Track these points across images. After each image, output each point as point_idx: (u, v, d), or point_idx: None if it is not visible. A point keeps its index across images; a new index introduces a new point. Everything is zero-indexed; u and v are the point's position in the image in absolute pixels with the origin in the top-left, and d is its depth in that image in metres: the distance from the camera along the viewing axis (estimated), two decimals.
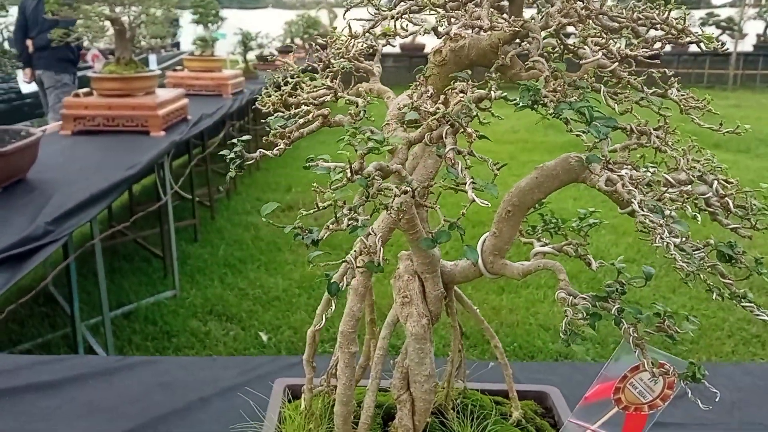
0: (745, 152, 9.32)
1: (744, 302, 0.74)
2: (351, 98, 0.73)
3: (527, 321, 4.18)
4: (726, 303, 2.92)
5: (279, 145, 0.70)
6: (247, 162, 0.73)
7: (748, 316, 4.37)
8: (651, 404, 0.89)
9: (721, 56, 17.44)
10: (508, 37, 0.66)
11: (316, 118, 0.72)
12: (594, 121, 0.58)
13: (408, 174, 0.63)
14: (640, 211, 0.60)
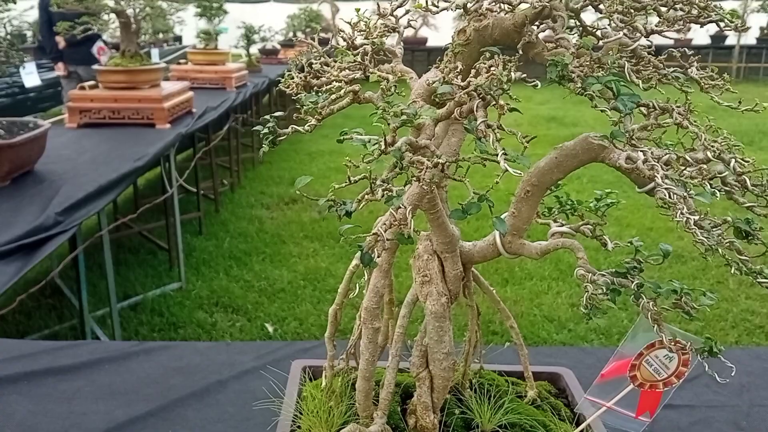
0: (748, 145, 9.32)
1: (760, 278, 0.76)
2: (382, 75, 0.74)
3: (531, 312, 4.20)
4: (730, 294, 2.95)
5: (310, 122, 0.72)
6: (279, 138, 0.74)
7: (751, 307, 4.41)
8: (666, 381, 0.91)
9: (724, 49, 17.41)
10: (533, 16, 0.67)
11: (347, 94, 0.73)
12: (621, 97, 0.60)
13: (436, 149, 0.65)
14: (663, 185, 0.61)
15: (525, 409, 1.01)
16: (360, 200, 0.63)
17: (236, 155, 6.78)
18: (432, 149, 0.63)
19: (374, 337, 0.89)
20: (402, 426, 0.97)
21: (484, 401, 0.99)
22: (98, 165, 3.29)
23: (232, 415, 1.25)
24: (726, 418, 1.30)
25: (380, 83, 0.71)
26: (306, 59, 0.80)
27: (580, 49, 0.65)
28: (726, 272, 4.92)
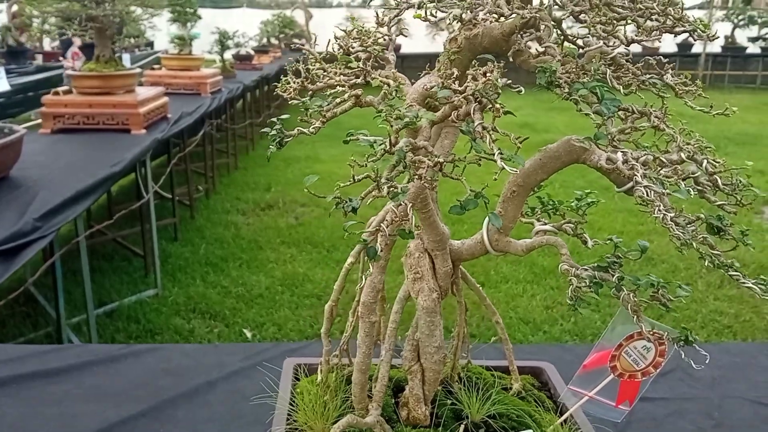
0: (715, 150, 9.57)
1: (731, 271, 0.81)
2: (384, 80, 0.78)
3: (507, 315, 4.27)
4: (699, 296, 3.05)
5: (315, 124, 0.75)
6: (286, 139, 0.78)
7: (719, 308, 4.53)
8: (644, 371, 0.96)
9: (690, 57, 17.84)
10: (521, 26, 0.72)
11: (350, 97, 0.77)
12: (605, 102, 0.64)
13: (433, 150, 0.69)
14: (643, 183, 0.66)
15: (511, 400, 1.06)
16: (364, 197, 0.67)
17: (211, 161, 6.76)
18: (430, 149, 0.67)
19: (371, 331, 0.93)
20: (395, 418, 1.01)
21: (472, 393, 1.03)
22: (75, 170, 3.27)
23: (222, 414, 1.28)
24: (699, 410, 1.36)
25: (381, 88, 0.75)
26: (303, 64, 0.84)
27: (566, 57, 0.70)
28: (695, 274, 5.05)
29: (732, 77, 17.83)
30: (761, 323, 4.28)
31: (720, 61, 17.80)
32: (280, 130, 0.77)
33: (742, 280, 0.81)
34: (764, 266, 5.17)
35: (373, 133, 0.70)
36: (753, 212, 6.65)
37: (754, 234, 5.99)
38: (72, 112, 4.23)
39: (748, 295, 4.66)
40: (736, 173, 0.83)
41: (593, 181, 6.14)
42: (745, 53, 17.72)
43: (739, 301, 4.57)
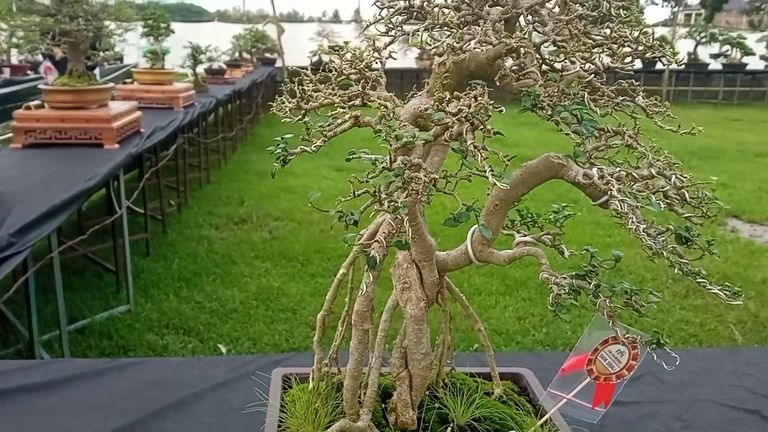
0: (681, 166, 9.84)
1: (698, 278, 0.87)
2: (382, 102, 0.83)
3: None
4: (666, 305, 3.16)
5: (316, 142, 0.80)
6: (290, 157, 0.82)
7: (686, 317, 4.65)
8: (618, 374, 1.01)
9: (654, 73, 18.30)
10: (499, 53, 0.77)
11: (350, 118, 0.81)
12: (584, 123, 0.70)
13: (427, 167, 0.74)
14: (618, 197, 0.72)
15: (493, 404, 1.10)
16: (363, 211, 0.71)
17: (183, 175, 6.73)
18: (424, 166, 0.71)
19: (363, 339, 0.97)
20: (384, 423, 1.05)
21: (457, 398, 1.08)
22: (48, 185, 3.25)
23: (210, 425, 1.30)
24: (669, 412, 1.42)
25: (374, 108, 0.80)
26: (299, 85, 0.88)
27: (548, 82, 0.75)
28: (661, 284, 5.18)
29: (695, 93, 18.34)
30: (725, 331, 4.42)
31: (683, 77, 18.30)
32: (284, 149, 0.81)
33: (709, 286, 0.87)
34: (728, 276, 5.33)
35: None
36: (716, 224, 6.85)
37: (718, 245, 6.15)
38: (44, 127, 4.20)
39: (712, 305, 4.80)
40: (702, 187, 0.89)
41: (563, 194, 6.28)
42: (707, 69, 18.24)
43: (704, 310, 4.70)
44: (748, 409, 1.43)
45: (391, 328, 1.04)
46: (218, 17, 27.53)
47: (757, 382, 1.54)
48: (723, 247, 6.10)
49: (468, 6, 0.77)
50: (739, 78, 18.20)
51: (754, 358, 1.69)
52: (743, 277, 5.34)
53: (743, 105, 18.05)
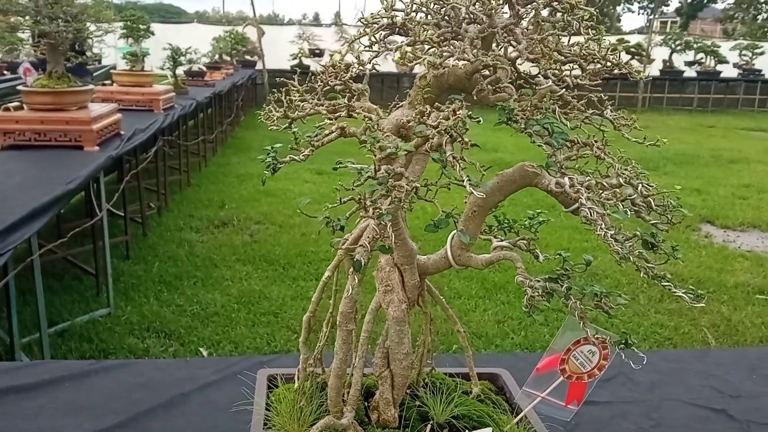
0: (653, 170, 10.00)
1: (664, 282, 0.92)
2: (367, 114, 0.87)
3: None
4: (641, 309, 3.24)
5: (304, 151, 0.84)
6: (280, 165, 0.86)
7: (660, 321, 4.75)
8: (590, 373, 1.07)
9: (630, 80, 18.61)
10: (476, 68, 0.82)
11: (336, 129, 0.86)
12: (555, 136, 0.75)
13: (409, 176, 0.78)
14: (587, 205, 0.77)
15: (471, 403, 1.15)
16: (348, 217, 0.76)
17: (163, 178, 6.71)
18: (406, 175, 0.76)
19: (348, 339, 1.01)
20: (366, 420, 1.09)
21: (436, 397, 1.12)
22: (28, 188, 3.24)
23: (197, 424, 1.33)
24: (640, 411, 1.48)
25: (363, 120, 0.84)
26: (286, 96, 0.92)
27: (522, 96, 0.80)
28: (636, 288, 5.28)
29: (670, 100, 18.65)
30: (698, 335, 4.52)
31: (659, 84, 18.60)
32: (274, 158, 0.85)
33: (674, 289, 0.92)
34: (701, 280, 5.44)
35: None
36: (690, 230, 6.99)
37: (692, 250, 6.30)
38: (23, 128, 4.18)
39: (686, 309, 4.91)
40: (667, 195, 0.94)
41: (540, 200, 6.37)
42: (682, 77, 18.57)
43: (678, 314, 4.81)
44: (715, 409, 1.49)
45: (374, 331, 1.08)
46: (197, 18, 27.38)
47: (724, 383, 1.61)
48: (697, 252, 6.23)
49: (447, 23, 0.82)
50: (713, 85, 18.56)
51: (722, 359, 1.76)
52: (716, 282, 5.46)
53: (717, 112, 18.41)
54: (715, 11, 43.86)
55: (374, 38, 0.83)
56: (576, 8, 0.82)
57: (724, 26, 39.70)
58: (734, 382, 1.61)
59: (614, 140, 1.05)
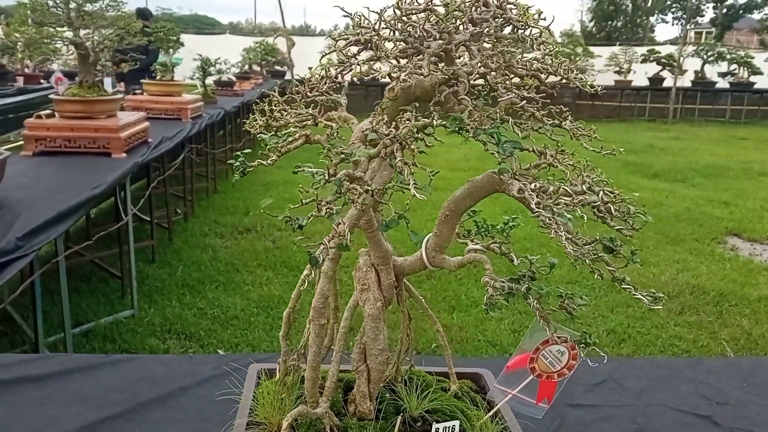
0: (681, 182, 9.89)
1: (624, 284, 0.96)
2: (327, 123, 0.93)
3: (476, 338, 4.41)
4: (660, 321, 3.25)
5: (272, 157, 0.90)
6: (248, 170, 0.93)
7: (679, 333, 4.71)
8: (559, 373, 1.11)
9: (661, 90, 18.39)
10: (443, 80, 0.88)
11: (300, 137, 0.92)
12: (502, 143, 0.80)
13: (368, 180, 0.84)
14: (535, 209, 0.82)
15: (447, 399, 1.20)
16: (309, 217, 0.82)
17: (190, 185, 6.87)
18: (365, 179, 0.82)
19: (320, 332, 1.07)
20: (344, 412, 1.15)
21: (413, 393, 1.17)
22: (56, 192, 3.38)
23: (193, 415, 1.40)
24: (625, 415, 1.51)
25: (326, 129, 0.91)
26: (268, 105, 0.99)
27: (476, 108, 0.86)
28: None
29: (702, 111, 18.38)
30: (717, 348, 4.47)
31: (690, 95, 18.36)
32: (243, 162, 0.92)
33: (633, 291, 0.96)
34: (723, 293, 5.38)
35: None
36: (716, 242, 6.91)
37: (716, 262, 6.22)
38: (54, 135, 4.34)
39: (707, 322, 4.86)
40: (629, 202, 0.99)
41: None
42: (714, 88, 18.29)
43: (698, 327, 4.76)
44: (700, 414, 1.51)
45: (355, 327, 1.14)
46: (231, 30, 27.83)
47: (713, 390, 1.63)
48: (721, 264, 6.15)
49: (412, 40, 0.88)
50: (747, 97, 18.22)
51: (714, 367, 1.77)
52: (739, 295, 5.39)
53: (751, 123, 18.06)
54: (751, 21, 43.09)
55: (342, 54, 0.89)
56: (528, 26, 0.87)
57: (761, 37, 38.96)
58: (724, 390, 1.63)
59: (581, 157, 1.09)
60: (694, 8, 44.48)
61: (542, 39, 0.86)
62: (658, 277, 5.74)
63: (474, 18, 0.85)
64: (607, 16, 49.18)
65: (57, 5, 4.32)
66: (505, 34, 0.87)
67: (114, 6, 4.54)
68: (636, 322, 4.82)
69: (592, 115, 18.59)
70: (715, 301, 5.24)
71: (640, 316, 4.94)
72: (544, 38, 0.86)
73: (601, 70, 18.05)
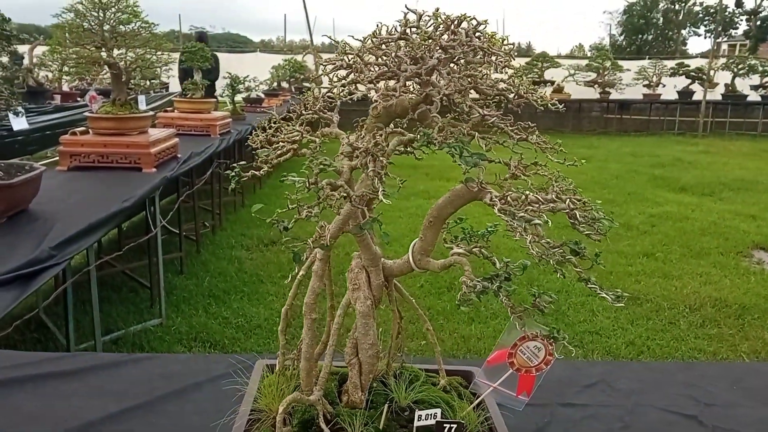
0: (709, 195, 9.80)
1: (590, 284, 1.05)
2: (312, 138, 1.05)
3: (492, 348, 4.47)
4: (680, 334, 3.31)
5: (264, 168, 1.02)
6: (242, 179, 1.04)
7: (699, 346, 4.70)
8: (537, 367, 1.19)
9: (691, 104, 18.21)
10: (420, 100, 0.98)
11: (289, 150, 1.04)
12: (464, 155, 0.90)
13: (349, 188, 0.95)
14: (497, 213, 0.91)
15: (435, 391, 1.29)
16: (295, 221, 0.93)
17: (218, 199, 7.06)
18: (345, 187, 0.93)
19: (312, 326, 1.18)
20: (337, 402, 1.25)
21: (402, 385, 1.27)
22: (88, 205, 3.55)
23: (205, 408, 1.51)
24: (613, 414, 1.58)
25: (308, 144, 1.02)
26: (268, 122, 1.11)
27: (444, 124, 0.96)
28: (678, 314, 5.23)
29: (733, 124, 18.13)
30: (737, 360, 4.45)
31: (721, 108, 18.13)
32: (238, 173, 1.03)
33: (598, 291, 1.05)
34: (746, 307, 5.34)
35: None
36: (742, 255, 6.85)
37: (741, 276, 6.18)
38: (88, 151, 4.55)
39: (728, 335, 4.84)
40: (595, 209, 1.08)
41: None
42: (745, 101, 18.05)
43: (718, 339, 4.75)
44: (686, 414, 1.57)
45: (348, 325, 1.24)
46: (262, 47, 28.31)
47: (702, 392, 1.69)
48: (746, 278, 6.10)
49: (389, 65, 0.99)
50: None
51: (708, 371, 1.83)
52: (762, 308, 5.35)
53: None
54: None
55: (330, 78, 1.00)
56: (491, 54, 0.97)
57: None
58: (713, 393, 1.68)
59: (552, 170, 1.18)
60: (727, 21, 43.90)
61: (505, 62, 0.97)
62: (680, 290, 5.72)
63: (443, 45, 0.96)
64: (637, 30, 48.80)
65: (92, 27, 4.54)
66: (473, 59, 0.98)
67: (146, 28, 4.75)
68: (656, 334, 4.83)
69: (621, 129, 18.49)
70: (737, 314, 5.21)
71: (661, 328, 4.95)
72: (506, 62, 0.96)
73: (629, 84, 17.96)
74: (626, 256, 6.63)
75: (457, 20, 0.97)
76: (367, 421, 1.17)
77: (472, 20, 0.97)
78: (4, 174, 3.20)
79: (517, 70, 0.99)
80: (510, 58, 0.97)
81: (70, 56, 4.79)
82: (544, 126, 18.70)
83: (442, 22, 0.97)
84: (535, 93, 1.02)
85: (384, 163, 0.92)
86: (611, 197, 9.36)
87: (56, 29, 4.86)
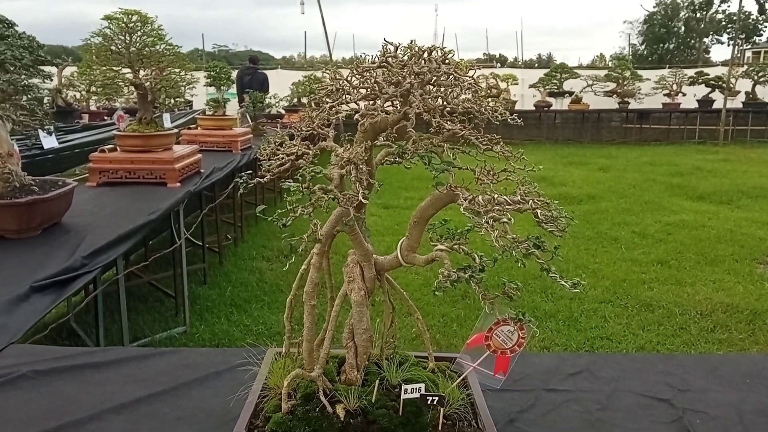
0: (727, 203, 9.82)
1: (550, 274, 1.21)
2: (305, 151, 1.23)
3: None
4: (691, 339, 3.48)
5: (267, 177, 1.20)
6: (249, 185, 1.23)
7: (708, 349, 4.77)
8: (511, 349, 1.35)
9: (712, 113, 18.13)
10: (399, 117, 1.16)
11: (287, 161, 1.22)
12: (431, 164, 1.07)
13: (338, 192, 1.13)
14: (463, 212, 1.08)
15: (423, 372, 1.46)
16: (294, 219, 1.11)
17: (240, 212, 7.30)
18: (335, 191, 1.10)
19: (311, 311, 1.35)
20: (336, 380, 1.42)
21: (393, 366, 1.44)
22: (117, 218, 3.79)
23: (224, 393, 1.69)
24: (592, 398, 1.73)
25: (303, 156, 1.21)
26: (274, 139, 1.30)
27: (418, 137, 1.14)
28: (689, 319, 5.32)
29: (754, 132, 18.03)
30: None
31: (742, 116, 18.04)
32: (245, 180, 1.22)
33: (559, 279, 1.21)
34: (757, 312, 5.41)
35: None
36: (756, 262, 6.89)
37: (754, 282, 6.23)
38: (116, 168, 4.81)
39: (737, 339, 4.91)
40: (557, 209, 1.24)
41: None
42: (766, 108, 17.94)
43: (728, 344, 4.83)
44: (660, 399, 1.72)
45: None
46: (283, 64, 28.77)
47: (678, 380, 1.82)
48: (759, 285, 6.15)
49: (371, 88, 1.17)
50: None
51: (686, 362, 1.97)
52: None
53: None
54: None
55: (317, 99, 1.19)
56: (459, 78, 1.15)
57: None
58: (688, 380, 1.82)
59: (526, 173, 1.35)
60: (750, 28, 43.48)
61: (470, 84, 1.14)
62: (692, 297, 5.80)
63: (416, 71, 1.14)
64: (658, 39, 48.54)
65: (119, 49, 4.81)
66: (443, 82, 1.16)
67: (170, 49, 5.01)
68: (666, 339, 4.92)
69: (640, 138, 18.47)
70: (748, 320, 5.28)
71: (671, 333, 5.04)
72: (471, 84, 1.14)
73: (648, 93, 17.96)
74: (640, 264, 6.72)
75: (428, 50, 1.15)
76: (360, 395, 1.34)
77: (443, 49, 1.15)
78: (40, 189, 3.44)
79: (482, 90, 1.16)
80: (474, 80, 1.15)
81: (98, 77, 5.06)
82: (563, 137, 18.78)
83: (414, 53, 1.16)
84: (494, 110, 1.19)
85: (364, 171, 1.10)
86: (627, 206, 9.43)
87: (85, 52, 5.15)
